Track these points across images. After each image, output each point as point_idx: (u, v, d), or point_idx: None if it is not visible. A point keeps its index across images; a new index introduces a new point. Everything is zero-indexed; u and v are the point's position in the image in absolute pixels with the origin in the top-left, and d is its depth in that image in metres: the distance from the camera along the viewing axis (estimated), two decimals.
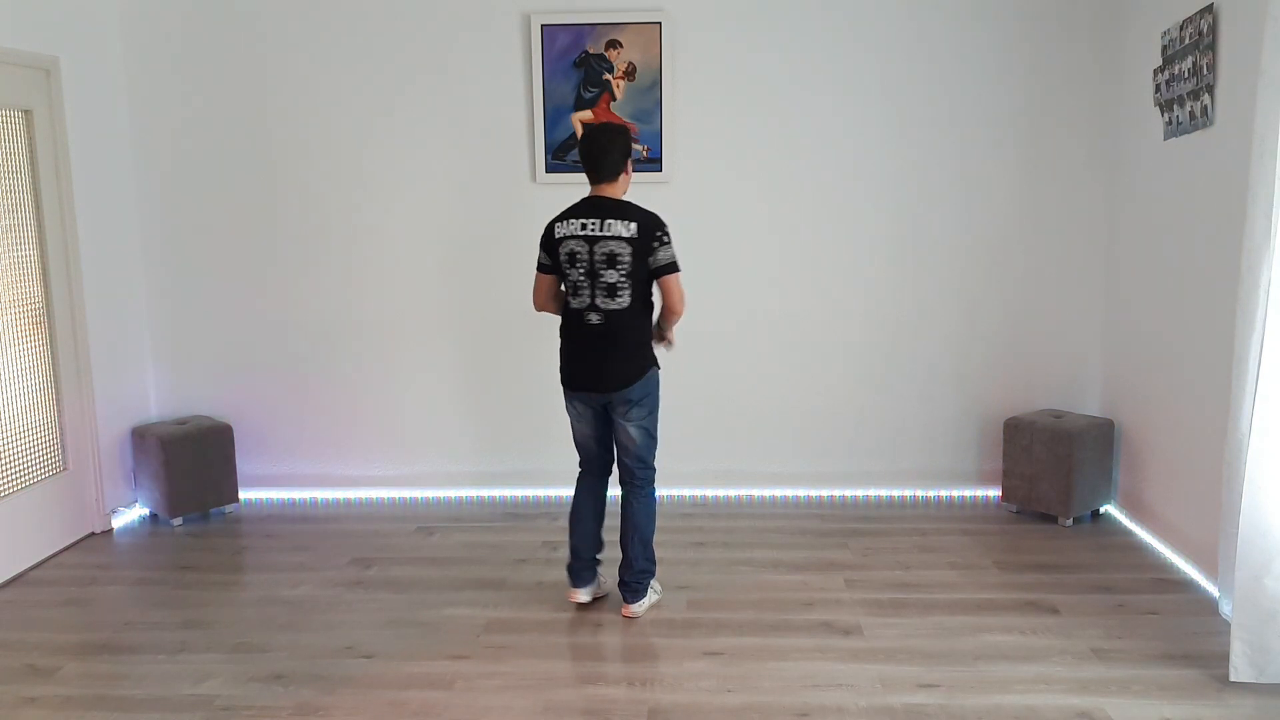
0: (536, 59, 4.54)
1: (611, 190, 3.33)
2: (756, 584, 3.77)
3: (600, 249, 3.24)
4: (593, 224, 3.25)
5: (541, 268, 3.41)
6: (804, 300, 4.70)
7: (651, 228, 3.26)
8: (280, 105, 4.65)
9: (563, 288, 3.41)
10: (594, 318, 3.28)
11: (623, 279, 3.25)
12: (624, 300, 3.27)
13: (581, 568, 3.53)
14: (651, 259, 3.27)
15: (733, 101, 4.58)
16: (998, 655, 3.17)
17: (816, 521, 4.47)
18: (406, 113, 4.63)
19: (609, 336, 3.30)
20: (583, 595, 3.54)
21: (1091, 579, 3.78)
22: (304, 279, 4.76)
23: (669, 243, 3.30)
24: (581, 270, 3.27)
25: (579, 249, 3.25)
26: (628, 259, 3.24)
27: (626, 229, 3.24)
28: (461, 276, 4.73)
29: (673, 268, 3.31)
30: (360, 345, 4.80)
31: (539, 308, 3.50)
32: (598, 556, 3.56)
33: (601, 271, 3.24)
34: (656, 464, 3.50)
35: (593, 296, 3.27)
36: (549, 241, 3.34)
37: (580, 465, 3.56)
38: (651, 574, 3.52)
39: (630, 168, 3.37)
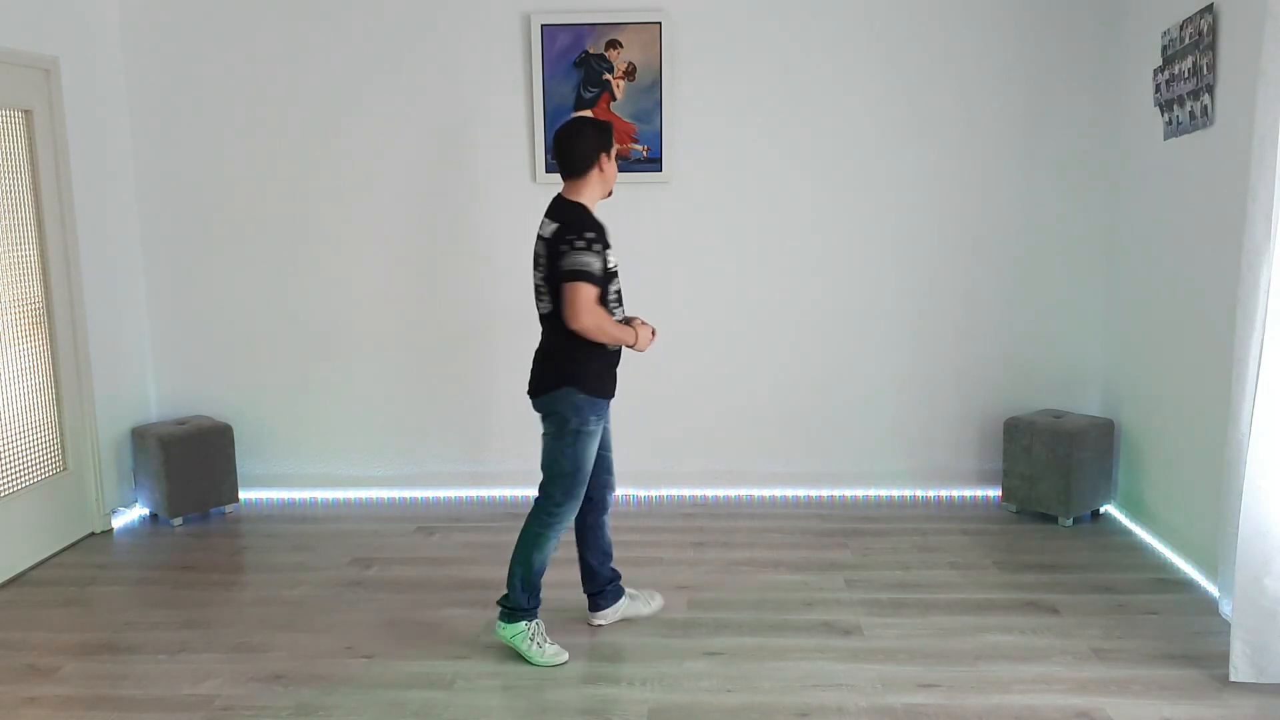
0: (536, 59, 4.54)
1: (571, 189, 3.11)
2: (756, 584, 3.77)
3: (535, 249, 3.13)
4: (543, 222, 3.12)
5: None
6: (804, 300, 4.70)
7: (565, 229, 3.00)
8: (280, 105, 4.65)
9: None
10: (540, 319, 3.18)
11: (543, 282, 3.10)
12: (546, 305, 3.11)
13: (595, 592, 3.42)
14: (559, 262, 3.00)
15: (733, 101, 4.58)
16: (998, 655, 3.17)
17: (816, 521, 4.47)
18: (407, 112, 4.63)
19: (542, 339, 3.19)
20: (598, 618, 3.43)
21: (1091, 579, 3.78)
22: (304, 279, 4.76)
23: (581, 248, 2.96)
24: (536, 272, 3.16)
25: (536, 247, 3.13)
26: (545, 261, 3.06)
27: (547, 230, 3.06)
28: (462, 276, 4.73)
29: (574, 275, 2.96)
30: (361, 345, 4.80)
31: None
32: (613, 568, 3.43)
33: (533, 272, 3.14)
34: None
35: (538, 299, 3.16)
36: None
37: (579, 498, 3.22)
38: (510, 604, 3.21)
39: (603, 164, 3.10)
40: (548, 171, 4.60)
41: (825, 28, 4.52)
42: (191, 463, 4.53)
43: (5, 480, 3.95)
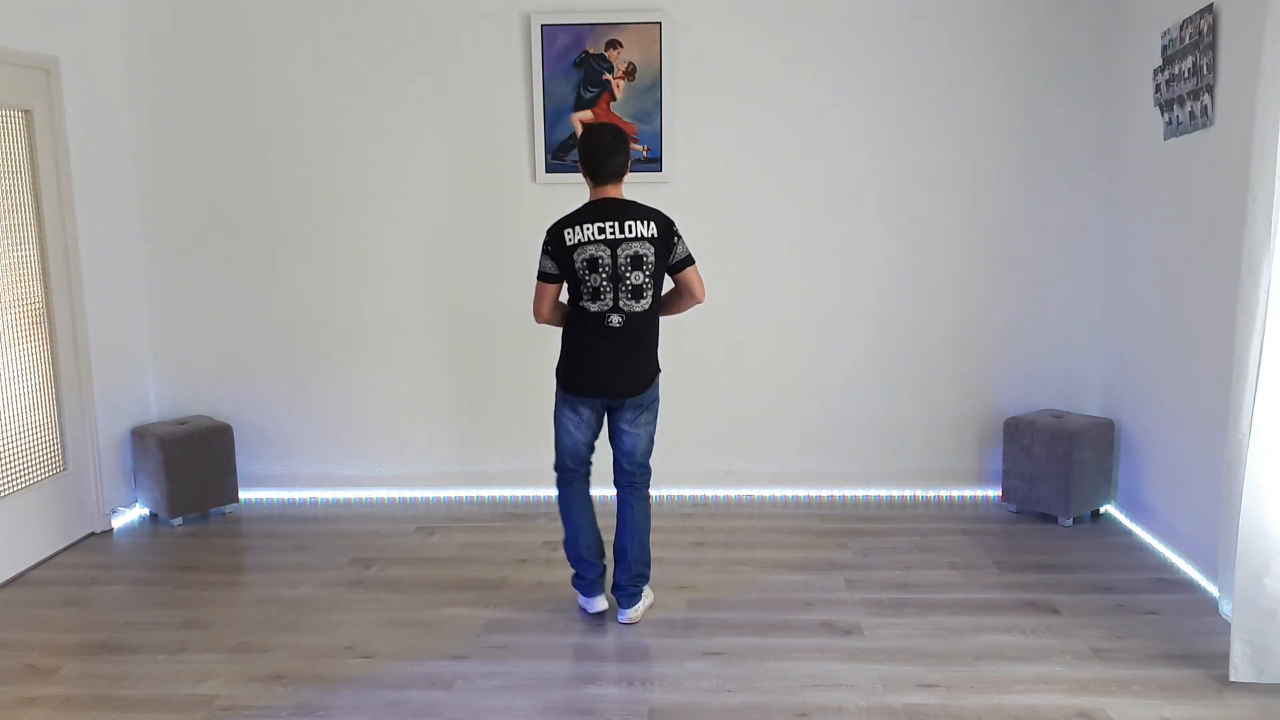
0: (536, 59, 4.54)
1: (616, 192, 3.28)
2: (756, 584, 3.78)
3: (624, 252, 3.18)
4: (611, 227, 3.19)
5: (548, 277, 3.27)
6: (804, 300, 4.70)
7: (668, 225, 3.27)
8: (280, 105, 4.65)
9: (563, 296, 3.37)
10: (615, 320, 3.23)
11: (647, 280, 3.23)
12: (647, 301, 3.25)
13: (598, 576, 3.48)
14: (672, 255, 3.28)
15: (733, 101, 4.58)
16: (998, 655, 3.17)
17: (816, 521, 4.47)
18: (406, 113, 4.63)
19: (630, 339, 3.26)
20: (604, 603, 3.48)
21: (1091, 579, 3.78)
22: (304, 279, 4.76)
23: (683, 236, 3.34)
24: (604, 275, 3.19)
25: (600, 254, 3.18)
26: (652, 259, 3.22)
27: (647, 229, 3.21)
28: (462, 277, 4.73)
29: (692, 259, 3.34)
30: (360, 345, 4.80)
31: (545, 319, 3.37)
32: (604, 561, 3.52)
33: (627, 274, 3.19)
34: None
35: (616, 299, 3.21)
36: (558, 249, 3.23)
37: (567, 473, 3.46)
38: (647, 578, 3.49)
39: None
40: (548, 171, 4.60)
41: (825, 27, 4.52)
42: (191, 463, 4.53)
43: (5, 480, 3.95)
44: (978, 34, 4.49)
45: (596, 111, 4.55)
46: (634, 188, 4.46)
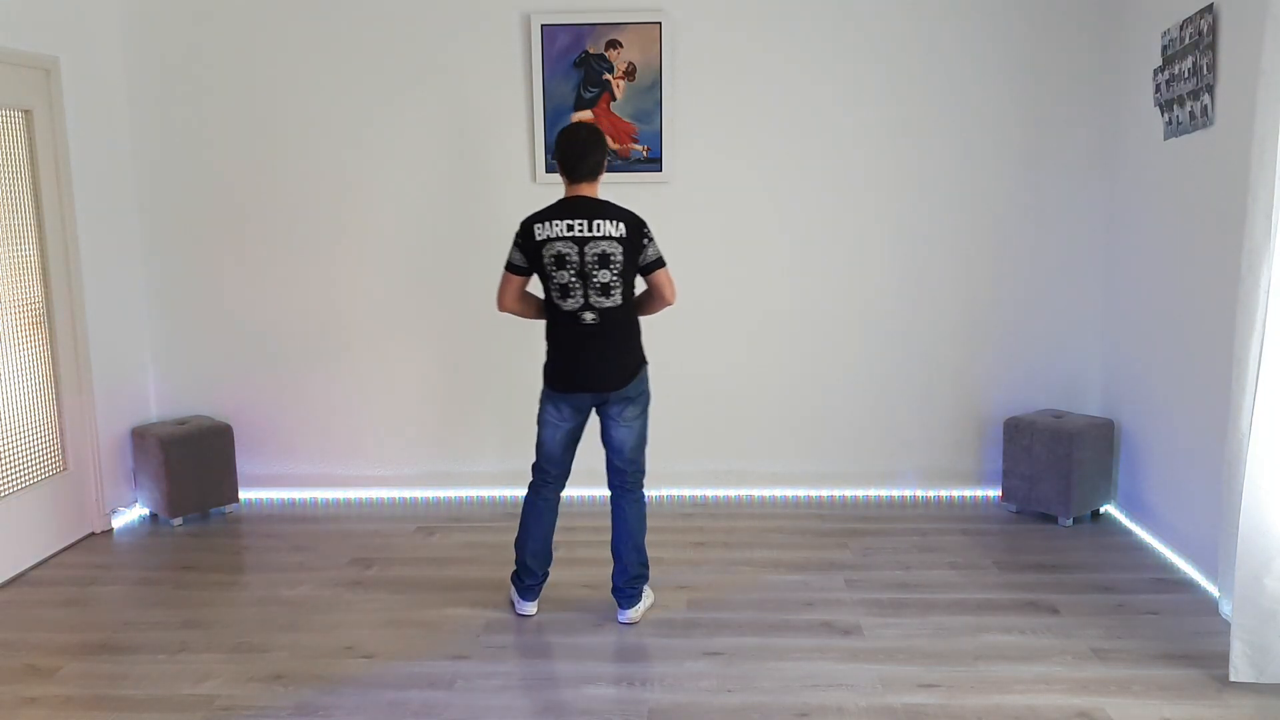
0: (536, 59, 4.54)
1: (591, 191, 3.32)
2: (756, 584, 3.78)
3: (591, 249, 3.22)
4: (580, 225, 3.23)
5: (515, 269, 3.34)
6: (804, 300, 4.70)
7: (638, 225, 3.30)
8: (280, 105, 4.65)
9: (532, 289, 3.40)
10: (589, 317, 3.27)
11: (615, 278, 3.26)
12: (616, 298, 3.28)
13: (536, 583, 3.51)
14: (641, 256, 3.31)
15: (733, 101, 4.58)
16: (998, 655, 3.17)
17: (816, 521, 4.47)
18: (406, 113, 4.63)
19: (606, 334, 3.29)
20: (533, 608, 3.52)
21: (1091, 579, 3.78)
22: (304, 279, 4.76)
23: (654, 238, 3.35)
24: (571, 272, 3.24)
25: (567, 250, 3.22)
26: (620, 259, 3.25)
27: (616, 229, 3.25)
28: (462, 277, 4.73)
29: (662, 261, 3.36)
30: (360, 345, 4.80)
31: (506, 308, 3.42)
32: (545, 572, 3.53)
33: (594, 272, 3.23)
34: (647, 465, 3.50)
35: (586, 297, 3.25)
36: (527, 243, 3.28)
37: (540, 475, 3.48)
38: (646, 578, 3.50)
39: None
40: (548, 171, 4.60)
41: (825, 28, 4.52)
42: (191, 463, 4.53)
43: (5, 480, 3.95)
44: (978, 34, 4.49)
45: (596, 112, 4.55)
46: (634, 188, 4.49)
